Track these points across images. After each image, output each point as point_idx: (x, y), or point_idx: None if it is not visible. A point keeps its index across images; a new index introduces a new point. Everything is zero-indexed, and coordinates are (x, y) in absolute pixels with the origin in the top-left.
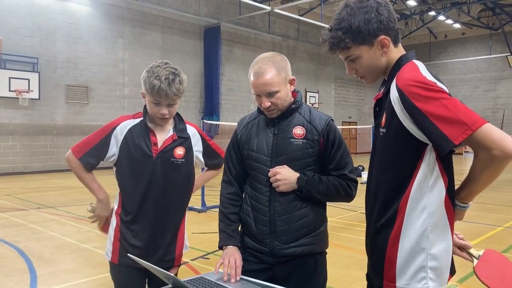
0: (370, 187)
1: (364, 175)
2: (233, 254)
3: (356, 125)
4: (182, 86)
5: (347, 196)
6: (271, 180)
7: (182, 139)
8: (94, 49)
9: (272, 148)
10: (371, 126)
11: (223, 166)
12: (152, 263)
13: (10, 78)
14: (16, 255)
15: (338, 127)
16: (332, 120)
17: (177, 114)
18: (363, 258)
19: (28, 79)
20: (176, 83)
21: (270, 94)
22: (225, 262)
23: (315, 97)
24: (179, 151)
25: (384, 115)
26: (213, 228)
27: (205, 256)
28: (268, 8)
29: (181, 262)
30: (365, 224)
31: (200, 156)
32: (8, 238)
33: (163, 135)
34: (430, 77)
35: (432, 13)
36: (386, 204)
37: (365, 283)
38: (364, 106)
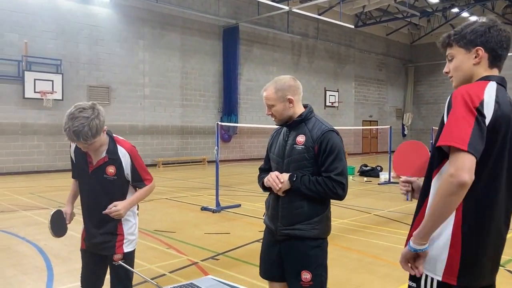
0: None
1: (382, 176)
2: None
3: (377, 124)
4: (91, 133)
5: (334, 194)
6: (271, 182)
7: (113, 159)
8: (115, 51)
9: (283, 151)
10: (391, 125)
11: (153, 186)
12: (94, 250)
13: (35, 79)
14: (36, 253)
15: (358, 126)
16: (333, 130)
17: (111, 138)
18: (372, 262)
19: (52, 81)
20: (84, 134)
21: (269, 106)
22: (268, 178)
23: (334, 95)
24: (111, 170)
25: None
26: (225, 228)
27: (215, 257)
28: (287, 8)
29: (191, 263)
30: (380, 227)
31: (129, 175)
32: (29, 237)
33: (98, 156)
34: (486, 97)
35: (455, 10)
36: None
37: (374, 286)
38: (385, 104)
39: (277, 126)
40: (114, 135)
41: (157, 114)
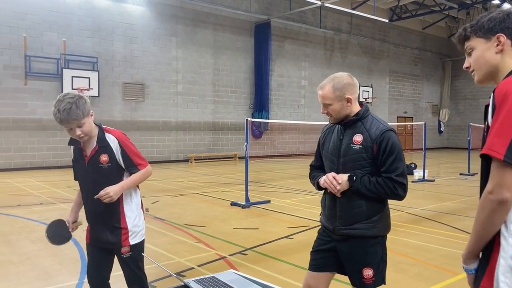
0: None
1: (416, 173)
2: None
3: (412, 121)
4: (80, 110)
5: (394, 195)
6: (328, 184)
7: (103, 147)
8: (149, 48)
9: (338, 150)
10: (427, 121)
11: (149, 171)
12: (99, 245)
13: (72, 77)
14: (71, 245)
15: (392, 123)
16: (392, 130)
17: (100, 128)
18: (402, 260)
19: (89, 78)
20: (73, 110)
21: (325, 105)
22: (325, 179)
23: (368, 91)
24: (104, 157)
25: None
26: (254, 224)
27: (243, 252)
28: (319, 3)
29: (219, 257)
30: (412, 225)
31: (121, 161)
32: None
33: (90, 147)
34: None
35: (496, 1)
36: None
37: (403, 285)
38: (421, 100)
39: (327, 124)
40: (103, 126)
41: (190, 111)
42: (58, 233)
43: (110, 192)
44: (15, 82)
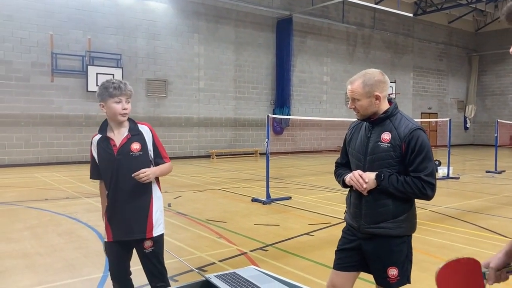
0: None
1: (441, 170)
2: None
3: (436, 117)
4: (131, 88)
5: (423, 195)
6: (354, 182)
7: (136, 135)
8: (172, 45)
9: (365, 148)
10: (452, 117)
11: (172, 166)
12: (123, 238)
13: (97, 73)
14: (96, 238)
15: (416, 119)
16: (421, 129)
17: (131, 120)
18: (425, 259)
19: (113, 74)
20: (128, 85)
21: (353, 100)
22: (351, 177)
23: (392, 87)
24: (136, 146)
25: None
26: (275, 220)
27: (264, 248)
28: None
29: (240, 252)
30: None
31: (151, 151)
32: (90, 222)
33: (121, 137)
34: None
35: None
36: None
37: (426, 284)
38: (446, 96)
39: (354, 121)
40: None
41: (211, 107)
42: None
43: (147, 171)
44: (42, 79)
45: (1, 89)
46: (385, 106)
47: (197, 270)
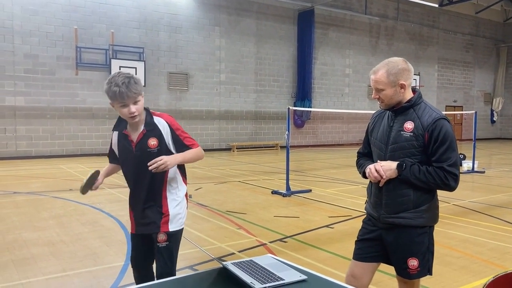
0: None
1: (465, 164)
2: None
3: (462, 110)
4: (138, 86)
5: (445, 186)
6: (372, 177)
7: (151, 130)
8: (193, 38)
9: (387, 137)
10: (478, 110)
11: (201, 151)
12: (141, 231)
13: (120, 67)
14: (118, 228)
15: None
16: (445, 118)
17: (147, 112)
18: (447, 253)
19: (135, 68)
20: (132, 84)
21: (377, 90)
22: (369, 173)
23: (416, 79)
24: (153, 142)
25: None
26: (294, 212)
27: (283, 240)
28: None
29: (260, 243)
30: (459, 217)
31: (171, 145)
32: (113, 212)
33: (136, 134)
34: None
35: None
36: None
37: (448, 278)
38: (472, 89)
39: (377, 110)
40: (151, 110)
41: (232, 100)
42: (91, 182)
43: (164, 157)
44: (67, 73)
45: (28, 83)
46: (409, 95)
47: (216, 259)
